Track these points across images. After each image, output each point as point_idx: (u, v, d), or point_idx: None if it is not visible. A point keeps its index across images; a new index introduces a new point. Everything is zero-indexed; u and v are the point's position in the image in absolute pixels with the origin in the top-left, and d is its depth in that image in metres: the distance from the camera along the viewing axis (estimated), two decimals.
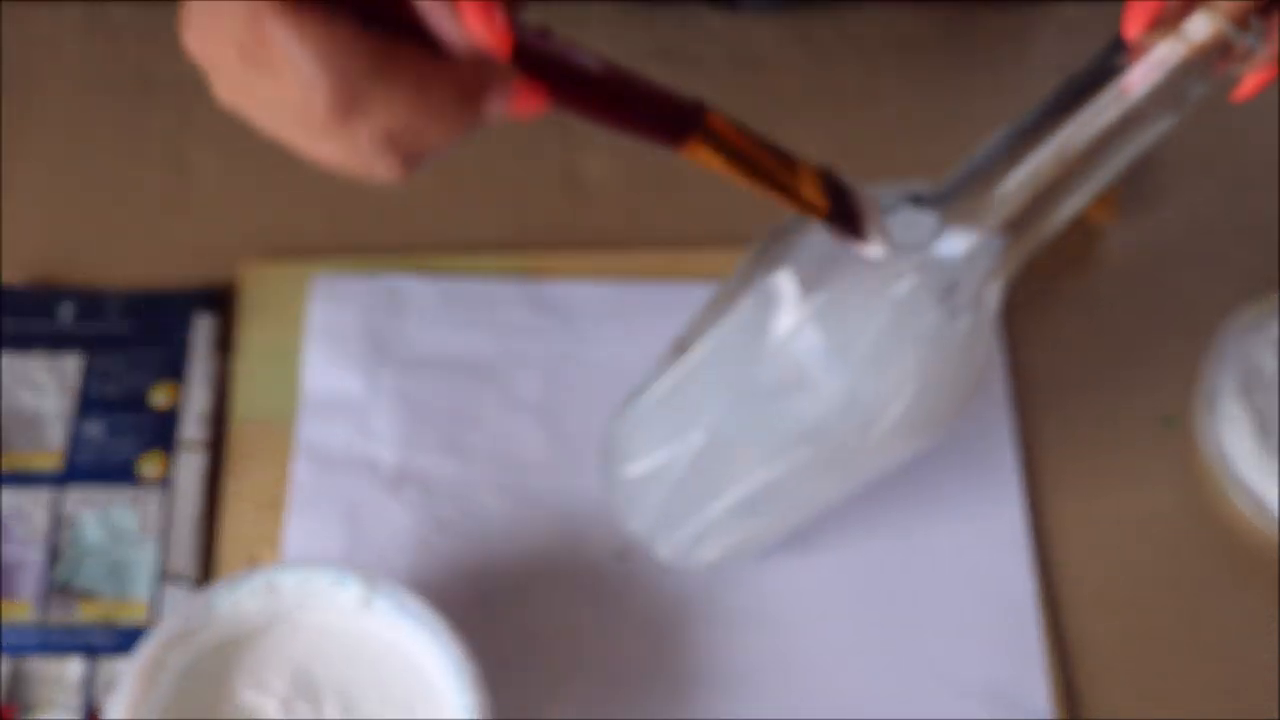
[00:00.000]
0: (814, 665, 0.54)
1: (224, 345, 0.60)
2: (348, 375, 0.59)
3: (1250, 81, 0.38)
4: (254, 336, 0.60)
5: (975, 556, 0.56)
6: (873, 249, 0.40)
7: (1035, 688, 0.54)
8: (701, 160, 0.37)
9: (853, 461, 0.47)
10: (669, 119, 0.36)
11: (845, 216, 0.39)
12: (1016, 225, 0.40)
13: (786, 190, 0.38)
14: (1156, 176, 0.66)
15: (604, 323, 0.61)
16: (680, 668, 0.54)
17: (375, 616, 0.49)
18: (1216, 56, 0.35)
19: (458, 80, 0.33)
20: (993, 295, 0.42)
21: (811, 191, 0.39)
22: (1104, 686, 0.54)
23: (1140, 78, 0.36)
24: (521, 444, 0.58)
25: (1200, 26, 0.35)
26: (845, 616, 0.55)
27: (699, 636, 0.54)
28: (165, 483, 0.56)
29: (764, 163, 0.38)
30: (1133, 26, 0.36)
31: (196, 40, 0.33)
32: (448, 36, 0.33)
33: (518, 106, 0.34)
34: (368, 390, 0.59)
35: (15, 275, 0.61)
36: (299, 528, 0.56)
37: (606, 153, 0.66)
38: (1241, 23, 0.35)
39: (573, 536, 0.56)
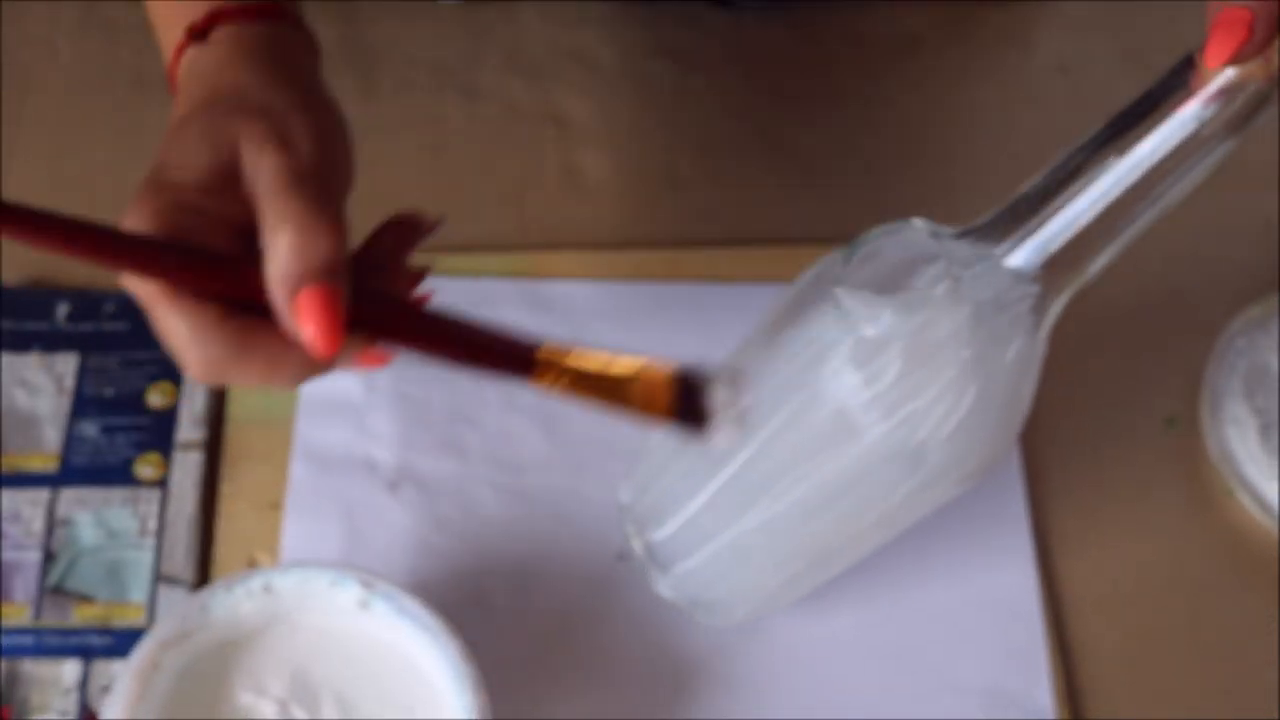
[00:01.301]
0: (816, 665, 0.54)
1: None
2: (346, 375, 0.59)
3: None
4: None
5: (979, 557, 0.56)
6: (724, 440, 0.41)
7: (1038, 688, 0.53)
8: (549, 391, 0.40)
9: (900, 508, 0.46)
10: (512, 359, 0.39)
11: (693, 420, 0.40)
12: (1069, 257, 0.39)
13: (626, 407, 0.40)
14: None
15: (604, 322, 0.61)
16: (680, 668, 0.54)
17: (373, 617, 0.49)
18: None
19: (306, 359, 0.37)
20: (1045, 326, 0.42)
21: (658, 406, 0.40)
22: (1107, 687, 0.54)
23: (1206, 103, 0.36)
24: (520, 444, 0.58)
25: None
26: (848, 617, 0.55)
27: (699, 637, 0.54)
28: (162, 484, 0.56)
29: (607, 388, 0.40)
30: (1215, 57, 0.36)
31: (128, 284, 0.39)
32: (288, 331, 0.37)
33: (362, 365, 0.39)
34: (366, 390, 0.58)
35: (11, 275, 0.61)
36: (297, 528, 0.55)
37: (606, 153, 0.66)
38: None
39: (572, 536, 0.56)
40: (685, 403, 0.40)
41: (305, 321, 0.36)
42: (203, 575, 0.55)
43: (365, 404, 0.58)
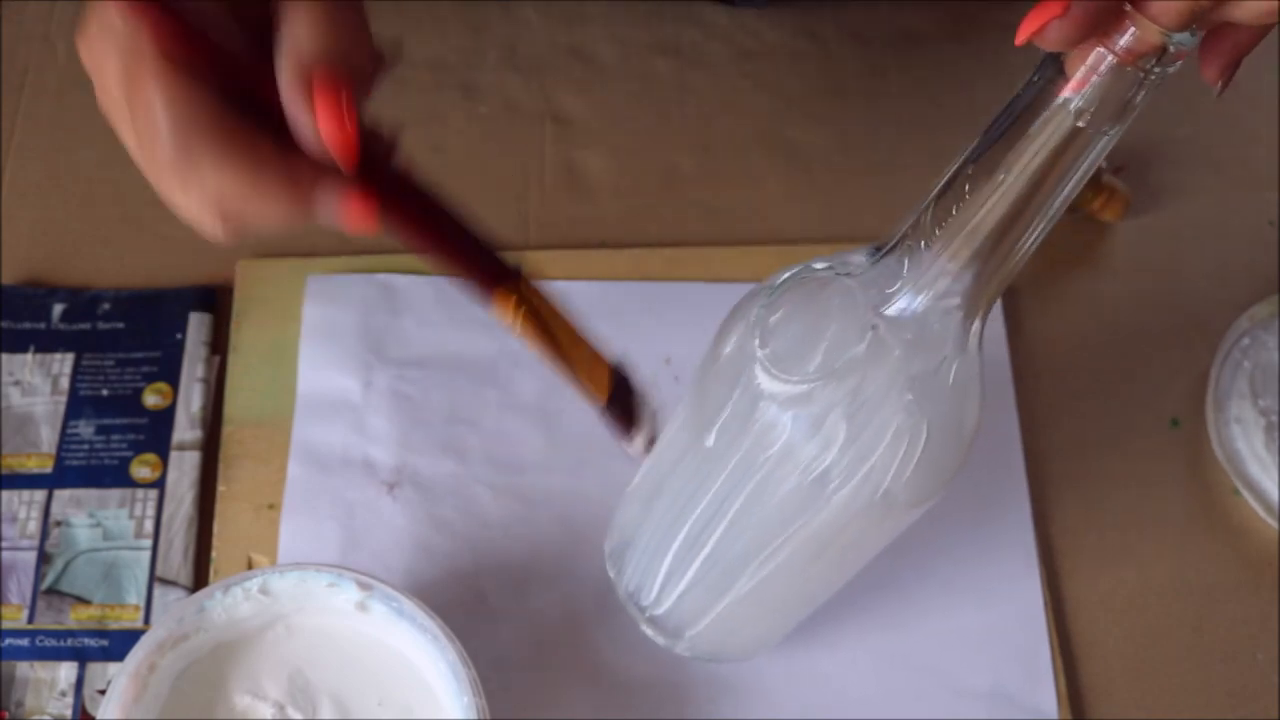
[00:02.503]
0: (818, 666, 0.54)
1: (218, 345, 0.59)
2: (344, 375, 0.58)
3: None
4: (249, 336, 0.59)
5: (983, 559, 0.56)
6: (634, 449, 0.42)
7: (1042, 689, 0.53)
8: (505, 316, 0.38)
9: (861, 538, 0.45)
10: (489, 268, 0.38)
11: (621, 413, 0.42)
12: (983, 260, 0.38)
13: (574, 369, 0.40)
14: (1164, 176, 0.66)
15: (604, 322, 0.60)
16: (679, 669, 0.53)
17: (371, 619, 0.48)
18: (1154, 61, 0.33)
19: (291, 173, 0.34)
20: (974, 337, 0.40)
21: (598, 381, 0.40)
22: (1111, 688, 0.54)
23: (1079, 91, 0.34)
24: (519, 444, 0.57)
25: (1133, 35, 0.32)
26: (851, 616, 0.55)
27: None
28: (159, 484, 0.56)
29: (561, 338, 0.39)
30: (1021, 32, 0.34)
31: (86, 48, 0.36)
32: (301, 131, 0.34)
33: (347, 218, 0.35)
34: (364, 390, 0.58)
35: (7, 274, 0.61)
36: (294, 529, 0.55)
37: (606, 152, 0.66)
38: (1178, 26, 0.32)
39: (571, 537, 0.56)
40: (619, 394, 0.41)
41: (318, 106, 0.33)
42: (199, 576, 0.55)
43: (363, 404, 0.58)
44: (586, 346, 0.41)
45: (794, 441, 0.40)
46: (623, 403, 0.42)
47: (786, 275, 0.42)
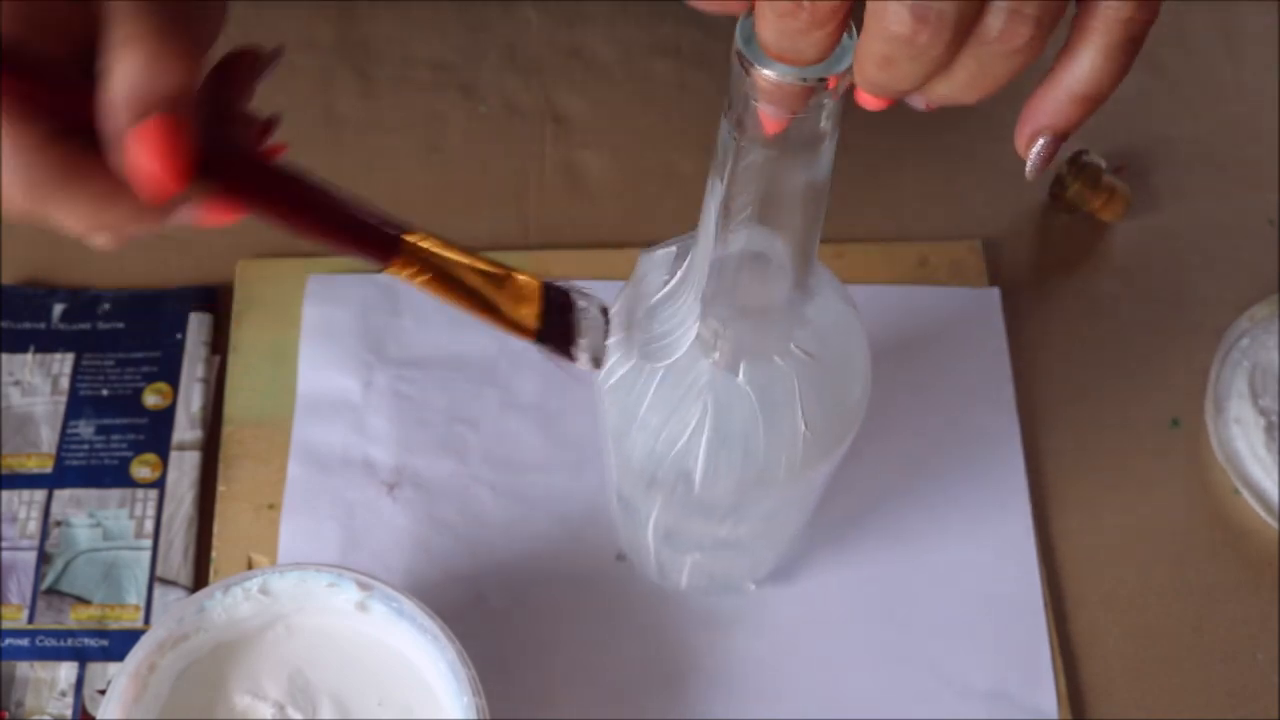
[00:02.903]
0: (817, 666, 0.54)
1: (218, 345, 0.59)
2: (344, 375, 0.58)
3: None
4: (249, 336, 0.59)
5: (982, 558, 0.56)
6: (581, 367, 0.40)
7: (1042, 688, 0.53)
8: (406, 280, 0.37)
9: (791, 493, 0.45)
10: (372, 240, 0.36)
11: (558, 335, 0.39)
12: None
13: (491, 311, 0.38)
14: (1165, 176, 0.66)
15: None
16: (680, 668, 0.53)
17: (371, 618, 0.48)
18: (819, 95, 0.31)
19: (137, 199, 0.33)
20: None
21: (525, 309, 0.38)
22: (1110, 688, 0.54)
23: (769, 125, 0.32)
24: (519, 444, 0.57)
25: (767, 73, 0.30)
26: (850, 618, 0.55)
27: (699, 637, 0.54)
28: (159, 484, 0.56)
29: (474, 285, 0.38)
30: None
31: None
32: (118, 168, 0.32)
33: (208, 222, 0.35)
34: (364, 390, 0.58)
35: (7, 274, 0.61)
36: (294, 529, 0.55)
37: (606, 152, 0.66)
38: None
39: (571, 537, 0.55)
40: (552, 317, 0.38)
41: (144, 154, 0.31)
42: (200, 576, 0.55)
43: (363, 404, 0.58)
44: (505, 281, 0.38)
45: (619, 427, 0.42)
46: (558, 324, 0.39)
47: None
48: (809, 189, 0.34)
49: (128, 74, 0.31)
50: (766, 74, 0.30)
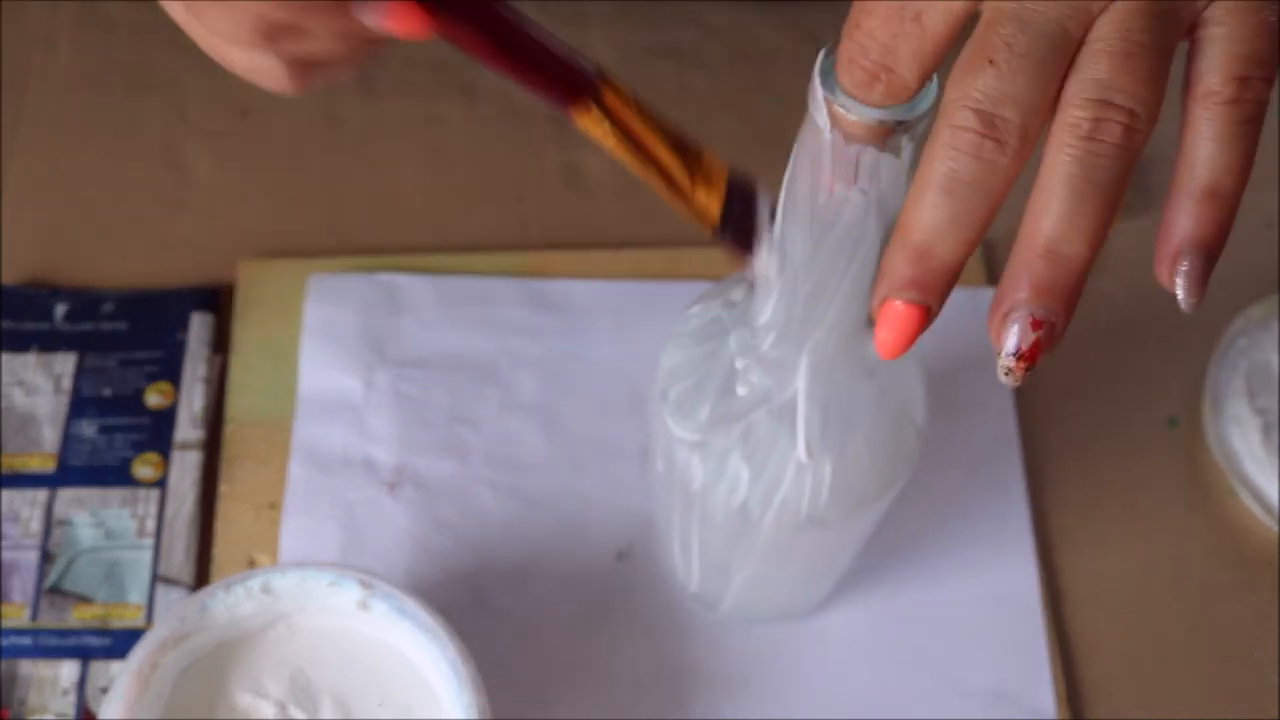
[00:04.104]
0: (816, 665, 0.54)
1: (220, 345, 0.59)
2: (345, 375, 0.59)
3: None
4: (250, 336, 0.59)
5: (980, 558, 0.56)
6: (757, 270, 0.36)
7: (1039, 687, 0.53)
8: (590, 132, 0.34)
9: (823, 540, 0.45)
10: (562, 78, 0.34)
11: (740, 228, 0.35)
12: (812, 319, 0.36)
13: (676, 188, 0.35)
14: (1163, 177, 0.66)
15: (604, 322, 0.60)
16: (679, 668, 0.53)
17: (372, 618, 0.49)
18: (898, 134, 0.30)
19: None
20: (863, 362, 0.39)
21: (708, 196, 0.35)
22: (1109, 687, 0.54)
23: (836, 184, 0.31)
24: (520, 444, 0.58)
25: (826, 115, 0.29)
26: (849, 617, 0.55)
27: (699, 636, 0.54)
28: (160, 484, 0.56)
29: (657, 151, 0.35)
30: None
31: None
32: None
33: (395, 24, 0.34)
34: (365, 390, 0.58)
35: (10, 274, 0.61)
36: (295, 529, 0.55)
37: (606, 153, 0.66)
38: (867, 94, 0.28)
39: (572, 537, 0.56)
40: (736, 206, 0.35)
41: None
42: (201, 576, 0.55)
43: (364, 404, 0.58)
44: (693, 155, 0.35)
45: (708, 481, 0.41)
46: (741, 216, 0.35)
47: (688, 316, 0.42)
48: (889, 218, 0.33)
49: None
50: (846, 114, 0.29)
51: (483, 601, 0.54)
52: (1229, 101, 0.27)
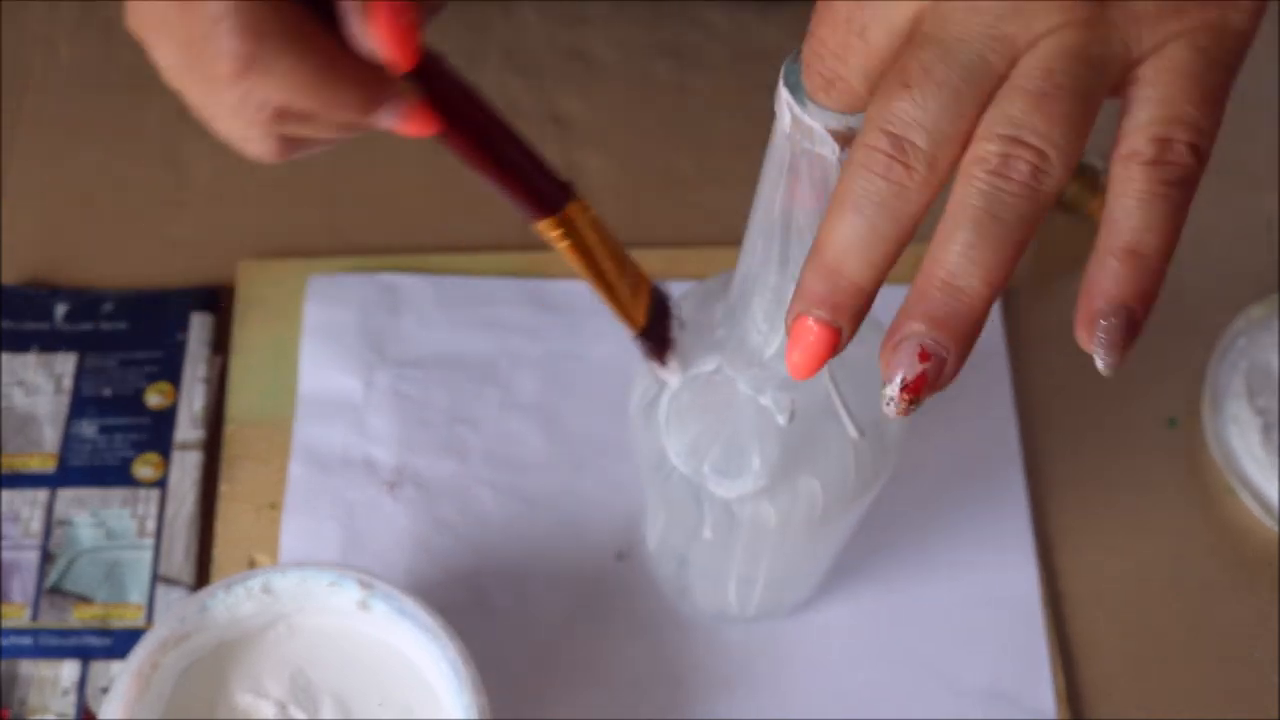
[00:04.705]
0: (815, 665, 0.54)
1: (220, 345, 0.60)
2: (345, 375, 0.59)
3: None
4: (250, 336, 0.59)
5: (980, 558, 0.56)
6: (668, 373, 0.40)
7: (1039, 688, 0.53)
8: (549, 239, 0.37)
9: (859, 515, 0.46)
10: (539, 189, 0.36)
11: (658, 338, 0.40)
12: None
13: (616, 298, 0.39)
14: None
15: (604, 322, 0.60)
16: (679, 667, 0.54)
17: (372, 618, 0.49)
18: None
19: (363, 77, 0.33)
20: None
21: (635, 305, 0.39)
22: (1108, 687, 0.54)
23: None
24: (520, 444, 0.58)
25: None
26: (848, 617, 0.55)
27: (698, 636, 0.54)
28: (161, 484, 0.56)
29: (607, 265, 0.38)
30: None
31: None
32: (354, 36, 0.33)
33: (409, 126, 0.34)
34: (365, 390, 0.58)
35: (10, 274, 0.61)
36: (296, 529, 0.55)
37: (606, 153, 0.66)
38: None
39: (572, 537, 0.56)
40: (657, 319, 0.39)
41: (382, 23, 0.31)
42: (201, 576, 0.55)
43: (364, 404, 0.58)
44: (630, 270, 0.39)
45: (739, 520, 0.42)
46: (659, 327, 0.40)
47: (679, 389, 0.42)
48: None
49: None
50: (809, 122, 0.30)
51: (482, 601, 0.54)
52: (1150, 162, 0.27)
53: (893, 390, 0.27)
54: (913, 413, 0.27)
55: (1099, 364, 0.28)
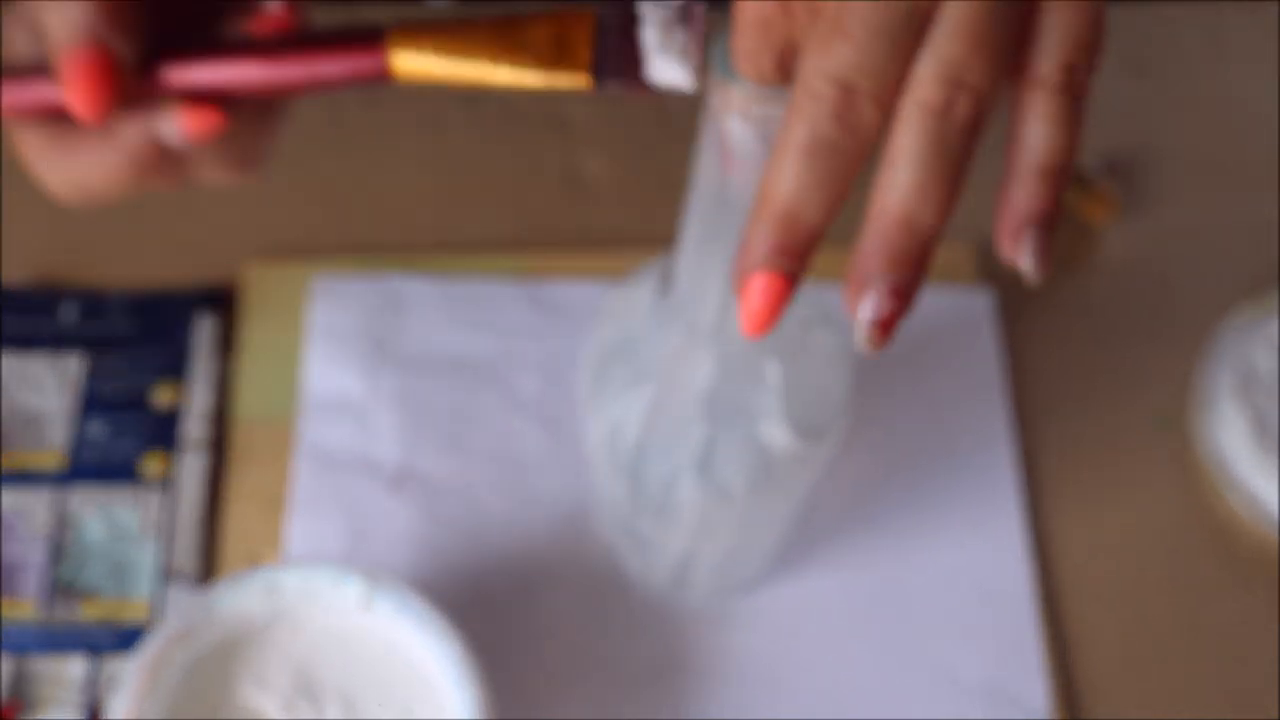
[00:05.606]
0: (815, 665, 0.54)
1: (225, 345, 0.60)
2: (348, 375, 0.59)
3: None
4: (255, 336, 0.60)
5: (974, 557, 0.56)
6: (668, 81, 0.33)
7: (1034, 687, 0.54)
8: (416, 73, 0.35)
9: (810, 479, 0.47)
10: (355, 49, 0.35)
11: (619, 60, 0.33)
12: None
13: (515, 61, 0.34)
14: (1155, 177, 0.66)
15: None
16: (680, 666, 0.54)
17: (376, 616, 0.49)
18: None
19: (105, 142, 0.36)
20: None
21: (573, 58, 0.33)
22: (1103, 687, 0.55)
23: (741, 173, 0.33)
24: (522, 443, 0.58)
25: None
26: (845, 616, 0.55)
27: (699, 635, 0.55)
28: (167, 482, 0.56)
29: (479, 51, 0.34)
30: None
31: None
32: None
33: (190, 130, 0.36)
34: (368, 390, 0.59)
35: (17, 275, 0.61)
36: (300, 527, 0.56)
37: (606, 153, 0.66)
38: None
39: (573, 536, 0.56)
40: (607, 43, 0.33)
41: (71, 85, 0.34)
42: (207, 573, 0.55)
43: (368, 404, 0.59)
44: (535, 34, 0.34)
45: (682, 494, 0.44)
46: (616, 47, 0.33)
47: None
48: None
49: (57, 20, 0.34)
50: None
51: (485, 599, 0.55)
52: (1059, 87, 0.29)
53: (865, 328, 0.28)
54: (886, 345, 0.29)
55: (1028, 273, 0.30)
